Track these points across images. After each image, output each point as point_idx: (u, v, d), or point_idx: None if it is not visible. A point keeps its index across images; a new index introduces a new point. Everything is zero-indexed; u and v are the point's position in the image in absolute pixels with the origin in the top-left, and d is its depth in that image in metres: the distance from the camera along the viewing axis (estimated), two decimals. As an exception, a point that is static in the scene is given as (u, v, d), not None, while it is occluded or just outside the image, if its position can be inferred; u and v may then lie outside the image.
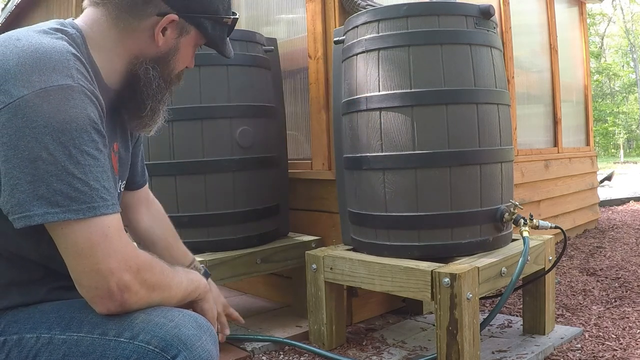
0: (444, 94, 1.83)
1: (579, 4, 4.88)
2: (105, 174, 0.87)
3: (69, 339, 0.89)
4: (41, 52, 0.85)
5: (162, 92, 1.06)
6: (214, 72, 2.12)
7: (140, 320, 0.87)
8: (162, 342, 0.85)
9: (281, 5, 2.87)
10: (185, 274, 1.01)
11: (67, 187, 0.81)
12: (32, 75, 0.82)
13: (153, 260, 0.93)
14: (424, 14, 1.86)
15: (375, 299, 2.42)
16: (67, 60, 0.86)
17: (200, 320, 0.92)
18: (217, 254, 2.09)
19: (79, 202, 0.82)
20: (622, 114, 32.14)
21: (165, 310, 0.90)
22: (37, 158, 0.80)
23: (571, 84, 4.66)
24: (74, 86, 0.85)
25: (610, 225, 4.80)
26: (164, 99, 1.07)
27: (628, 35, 34.02)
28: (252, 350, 2.03)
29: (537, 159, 3.79)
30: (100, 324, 0.88)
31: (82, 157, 0.83)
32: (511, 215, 1.89)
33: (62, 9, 5.04)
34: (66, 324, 0.90)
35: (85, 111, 0.85)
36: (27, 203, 0.81)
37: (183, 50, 1.05)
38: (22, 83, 0.82)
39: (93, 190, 0.84)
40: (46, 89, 0.82)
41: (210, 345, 0.90)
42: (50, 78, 0.83)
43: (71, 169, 0.82)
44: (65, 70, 0.85)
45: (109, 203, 0.85)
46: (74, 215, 0.82)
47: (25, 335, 0.91)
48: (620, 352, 1.93)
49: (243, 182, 2.16)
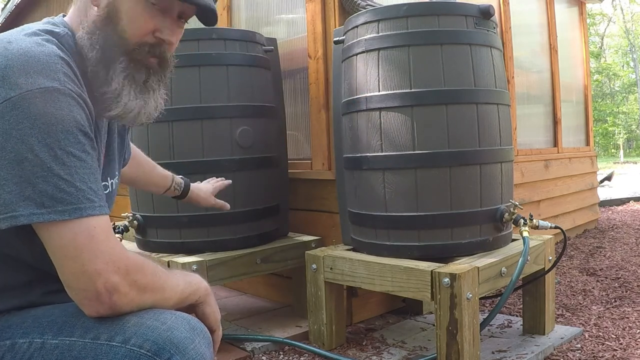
0: (444, 94, 1.83)
1: (579, 4, 4.88)
2: (92, 175, 0.86)
3: (61, 344, 0.88)
4: (29, 55, 0.86)
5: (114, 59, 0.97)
6: (214, 72, 2.12)
7: (132, 324, 0.86)
8: (155, 346, 0.84)
9: (281, 5, 2.87)
10: (183, 277, 0.99)
11: (52, 188, 0.82)
12: (20, 77, 0.83)
13: (145, 262, 0.91)
14: (424, 14, 1.86)
15: (375, 299, 2.43)
16: (54, 63, 0.87)
17: (193, 322, 0.91)
18: (217, 254, 2.09)
19: (64, 203, 0.82)
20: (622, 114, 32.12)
21: (158, 312, 0.89)
22: (23, 159, 0.81)
23: (571, 84, 4.66)
24: (60, 89, 0.85)
25: (610, 225, 4.80)
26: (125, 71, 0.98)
27: (628, 35, 34.02)
28: (252, 350, 2.03)
29: (537, 159, 3.79)
30: (92, 328, 0.87)
31: (68, 159, 0.83)
32: (511, 215, 1.89)
33: (62, 9, 5.04)
34: (58, 328, 0.90)
35: (72, 113, 0.86)
36: (14, 203, 0.81)
37: (124, 5, 0.96)
38: (9, 85, 0.83)
39: (79, 191, 0.83)
40: (32, 91, 0.83)
41: (204, 347, 0.88)
42: (37, 81, 0.84)
43: (57, 170, 0.82)
44: (52, 73, 0.86)
45: (95, 205, 0.85)
46: (59, 217, 0.82)
47: (18, 340, 0.90)
48: (620, 352, 1.93)
49: (243, 182, 2.16)
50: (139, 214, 2.19)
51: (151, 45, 0.99)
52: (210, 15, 1.04)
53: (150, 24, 0.97)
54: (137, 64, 0.98)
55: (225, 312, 2.49)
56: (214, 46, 2.15)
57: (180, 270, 1.06)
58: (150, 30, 0.98)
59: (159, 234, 2.16)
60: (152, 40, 0.98)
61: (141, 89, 1.00)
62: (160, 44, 1.00)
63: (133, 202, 2.24)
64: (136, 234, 2.25)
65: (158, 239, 2.16)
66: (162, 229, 2.15)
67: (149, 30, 0.98)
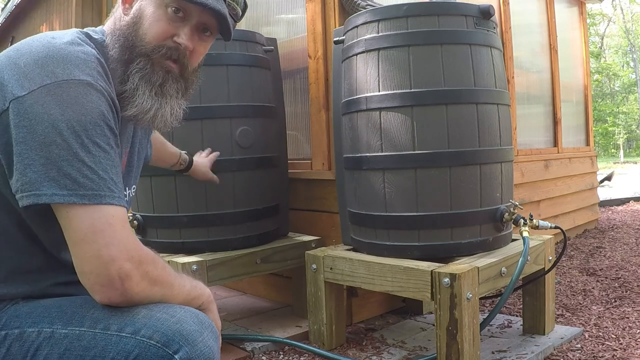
0: (444, 94, 1.83)
1: (578, 4, 4.88)
2: (114, 168, 0.91)
3: (71, 334, 0.89)
4: (68, 50, 0.92)
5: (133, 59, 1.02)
6: (214, 72, 2.12)
7: (142, 316, 0.88)
8: (164, 337, 0.86)
9: (281, 5, 2.87)
10: (190, 280, 1.02)
11: (76, 172, 0.85)
12: (57, 67, 0.89)
13: (156, 257, 0.94)
14: (424, 14, 1.86)
15: (375, 299, 2.42)
16: (91, 61, 0.94)
17: (201, 316, 0.93)
18: (217, 254, 2.09)
19: (86, 188, 0.86)
20: (622, 114, 32.10)
21: (167, 306, 0.91)
22: (51, 142, 0.85)
23: (571, 84, 4.66)
24: (93, 84, 0.91)
25: (610, 225, 4.80)
26: (143, 72, 1.02)
27: (628, 35, 34.02)
28: (252, 350, 2.03)
29: (537, 159, 3.79)
30: (102, 319, 0.89)
31: (93, 148, 0.88)
32: (511, 215, 1.89)
33: (62, 9, 5.03)
34: (68, 318, 0.91)
35: (100, 107, 0.91)
36: (38, 182, 0.85)
37: (147, 10, 1.03)
38: (46, 73, 0.88)
39: (101, 179, 0.87)
40: (67, 81, 0.88)
41: (212, 341, 0.90)
42: (73, 72, 0.90)
43: (82, 157, 0.86)
44: (87, 69, 0.92)
45: (115, 195, 0.89)
46: (80, 200, 0.85)
47: (26, 329, 0.92)
48: (620, 352, 1.93)
49: (243, 182, 2.16)
50: (139, 214, 2.19)
51: (168, 47, 1.04)
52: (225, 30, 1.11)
53: (169, 28, 1.03)
54: (155, 66, 1.04)
55: (225, 312, 2.49)
56: (214, 46, 2.09)
57: (187, 276, 1.08)
58: (169, 34, 1.03)
59: (159, 234, 2.16)
60: (171, 44, 1.04)
61: (157, 92, 1.04)
62: (178, 48, 1.05)
63: (133, 202, 2.24)
64: (136, 234, 2.25)
65: (158, 239, 2.16)
66: (162, 229, 2.15)
67: (168, 35, 1.03)
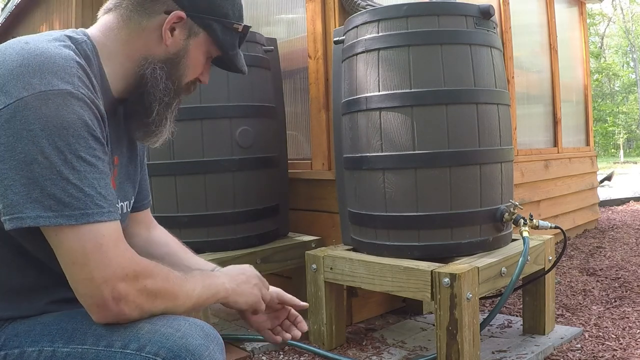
0: (444, 94, 1.83)
1: (578, 4, 4.88)
2: (102, 180, 0.86)
3: (73, 352, 0.87)
4: (45, 56, 0.85)
5: (170, 96, 1.03)
6: (213, 72, 2.10)
7: (146, 331, 0.85)
8: (170, 353, 0.83)
9: (281, 5, 2.87)
10: (202, 280, 0.98)
11: (60, 191, 0.81)
12: (34, 77, 0.83)
13: (156, 267, 0.90)
14: (424, 14, 1.86)
15: (375, 299, 2.42)
16: (70, 67, 0.87)
17: (207, 329, 0.90)
18: (217, 254, 2.09)
19: (72, 207, 0.81)
20: (622, 114, 32.10)
21: (171, 319, 0.88)
22: (32, 161, 0.80)
23: (571, 84, 4.66)
24: (73, 92, 0.85)
25: (610, 225, 4.80)
26: (171, 106, 1.05)
27: (628, 35, 34.02)
28: (252, 350, 2.03)
29: (537, 159, 3.79)
30: (105, 336, 0.86)
31: (78, 163, 0.83)
32: (511, 215, 1.89)
33: (62, 8, 5.03)
34: (69, 336, 0.88)
35: (83, 118, 0.85)
36: (20, 205, 0.80)
37: (192, 53, 1.04)
38: (22, 85, 0.82)
39: (87, 196, 0.83)
40: (46, 92, 0.82)
41: (218, 354, 0.88)
42: (51, 82, 0.83)
43: (66, 174, 0.81)
44: (66, 76, 0.85)
45: (104, 210, 0.84)
46: (66, 221, 0.81)
47: (27, 349, 0.89)
48: (620, 352, 1.93)
49: (243, 182, 2.16)
50: (139, 214, 2.19)
51: (193, 83, 1.10)
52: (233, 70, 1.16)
53: (200, 70, 1.09)
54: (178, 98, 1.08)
55: (225, 312, 2.48)
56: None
57: (202, 272, 1.03)
58: (199, 74, 1.09)
59: (159, 234, 2.16)
60: (195, 80, 1.09)
61: (172, 121, 1.09)
62: (196, 83, 1.10)
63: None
64: (136, 234, 2.25)
65: (158, 239, 2.16)
66: (162, 229, 2.15)
67: (198, 74, 1.09)
